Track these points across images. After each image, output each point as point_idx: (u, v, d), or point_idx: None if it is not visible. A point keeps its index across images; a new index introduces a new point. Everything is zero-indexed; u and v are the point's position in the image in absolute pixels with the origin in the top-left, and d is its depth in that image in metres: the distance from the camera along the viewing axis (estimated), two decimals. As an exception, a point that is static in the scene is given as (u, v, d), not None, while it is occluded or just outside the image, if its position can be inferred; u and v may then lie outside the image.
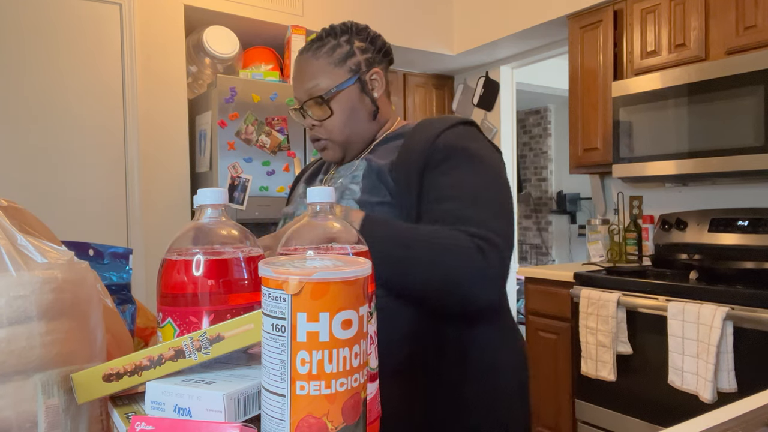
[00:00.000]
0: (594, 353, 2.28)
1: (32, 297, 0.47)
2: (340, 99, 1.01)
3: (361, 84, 1.02)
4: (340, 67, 1.00)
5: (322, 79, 1.00)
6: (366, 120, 1.04)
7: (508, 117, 3.78)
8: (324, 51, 1.01)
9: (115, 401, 0.53)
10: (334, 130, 1.01)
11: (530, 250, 5.91)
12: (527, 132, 5.89)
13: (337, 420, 0.40)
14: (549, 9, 2.96)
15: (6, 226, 0.49)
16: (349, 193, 0.96)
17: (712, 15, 2.30)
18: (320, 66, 1.00)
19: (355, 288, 0.41)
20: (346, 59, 1.01)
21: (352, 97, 1.01)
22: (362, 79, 1.02)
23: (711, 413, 0.61)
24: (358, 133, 1.03)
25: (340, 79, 1.00)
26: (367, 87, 1.03)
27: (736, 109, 2.12)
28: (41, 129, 2.29)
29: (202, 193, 0.58)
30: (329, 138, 1.02)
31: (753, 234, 2.34)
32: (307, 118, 1.03)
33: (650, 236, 2.75)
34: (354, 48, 1.02)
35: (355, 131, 1.03)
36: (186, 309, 0.54)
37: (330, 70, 1.00)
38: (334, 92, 1.00)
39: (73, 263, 0.51)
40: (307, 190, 0.58)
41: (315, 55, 1.01)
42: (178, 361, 0.48)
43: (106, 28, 2.44)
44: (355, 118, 1.02)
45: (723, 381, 1.86)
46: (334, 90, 1.00)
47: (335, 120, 1.01)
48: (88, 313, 0.52)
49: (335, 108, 1.00)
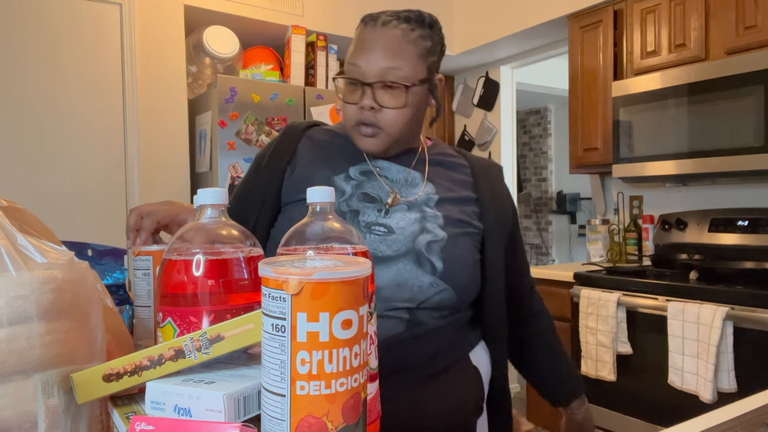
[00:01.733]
0: (594, 353, 2.28)
1: (32, 297, 0.47)
2: (416, 93, 0.93)
3: (431, 85, 0.96)
4: (423, 61, 0.93)
5: (407, 67, 0.90)
6: (422, 123, 0.99)
7: (508, 117, 3.78)
8: (414, 37, 0.91)
9: (115, 401, 0.53)
10: (396, 123, 0.92)
11: (530, 250, 5.91)
12: (527, 132, 5.89)
13: (337, 420, 0.40)
14: (549, 9, 2.96)
15: (6, 226, 0.49)
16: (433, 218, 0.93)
17: (712, 15, 2.30)
18: (409, 51, 0.91)
19: (355, 288, 0.41)
20: (428, 55, 0.94)
21: (423, 96, 0.95)
22: (433, 81, 0.96)
23: (711, 413, 0.61)
24: (412, 134, 0.97)
25: (422, 74, 0.92)
26: (436, 90, 0.97)
27: (736, 109, 2.12)
28: (41, 129, 2.29)
29: (202, 193, 0.58)
30: (385, 129, 0.92)
31: (753, 234, 2.34)
32: (367, 98, 0.90)
33: (650, 236, 2.75)
34: (436, 47, 0.95)
35: (411, 131, 0.96)
36: (186, 309, 0.54)
37: (416, 61, 0.91)
38: (417, 85, 0.92)
39: (73, 263, 0.51)
40: (307, 190, 0.55)
41: (406, 37, 0.91)
42: (178, 361, 0.48)
43: (106, 28, 2.44)
44: (418, 118, 0.96)
45: (723, 381, 1.86)
46: (417, 83, 0.92)
47: (404, 113, 0.92)
48: (88, 313, 0.52)
49: (409, 101, 0.92)
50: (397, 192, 0.95)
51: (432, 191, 0.96)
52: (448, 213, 0.94)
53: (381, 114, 0.91)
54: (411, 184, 0.96)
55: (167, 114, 2.60)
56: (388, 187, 0.95)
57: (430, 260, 0.89)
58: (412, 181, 0.97)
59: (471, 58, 3.65)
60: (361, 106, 0.91)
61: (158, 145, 2.56)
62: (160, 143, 2.57)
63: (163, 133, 2.59)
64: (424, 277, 0.88)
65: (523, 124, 5.92)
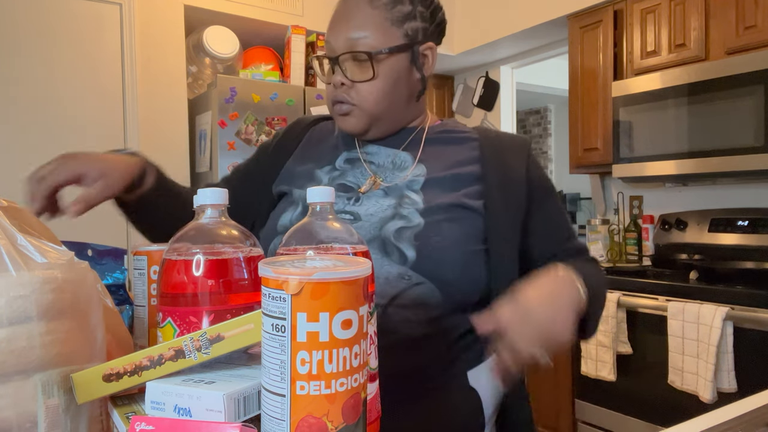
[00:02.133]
0: (594, 353, 2.28)
1: (32, 297, 0.47)
2: (388, 64, 0.84)
3: (413, 55, 0.86)
4: (397, 28, 0.84)
5: (374, 34, 0.83)
6: (406, 98, 0.88)
7: (508, 117, 3.78)
8: (384, 2, 0.84)
9: (115, 401, 0.53)
10: (370, 98, 0.84)
11: (530, 250, 5.91)
12: (527, 132, 5.89)
13: (337, 420, 0.40)
14: (549, 9, 2.96)
15: (6, 226, 0.49)
16: (411, 203, 0.82)
17: (712, 15, 2.30)
18: (375, 17, 0.83)
19: (355, 288, 0.41)
20: (405, 21, 0.85)
21: (400, 66, 0.85)
22: (416, 50, 0.86)
23: (711, 413, 0.61)
24: (393, 110, 0.87)
25: (395, 41, 0.84)
26: (419, 60, 0.87)
27: (736, 109, 2.12)
28: (41, 129, 2.29)
29: (202, 193, 0.58)
30: (359, 105, 0.85)
31: (753, 234, 2.34)
32: (337, 74, 0.85)
33: (650, 236, 2.75)
34: (416, 11, 0.86)
35: (391, 106, 0.86)
36: (186, 309, 0.54)
37: (385, 27, 0.83)
38: (385, 53, 0.83)
39: (73, 263, 0.51)
40: (307, 190, 0.54)
41: (373, 3, 0.84)
42: (178, 361, 0.48)
43: (106, 28, 2.44)
44: (397, 92, 0.86)
45: (723, 381, 1.86)
46: (385, 51, 0.83)
47: (376, 85, 0.84)
48: (88, 313, 0.52)
49: (380, 72, 0.83)
50: (380, 177, 0.87)
51: (422, 173, 0.85)
52: (436, 196, 0.82)
53: (353, 89, 0.85)
54: (399, 167, 0.88)
55: (167, 114, 2.60)
56: (371, 173, 0.88)
57: (399, 248, 0.77)
58: (400, 165, 0.88)
59: (471, 58, 3.65)
60: (334, 84, 0.86)
61: (158, 145, 2.56)
62: (160, 143, 2.57)
63: (163, 133, 2.59)
64: (391, 267, 0.77)
65: (523, 124, 5.92)
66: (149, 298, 0.68)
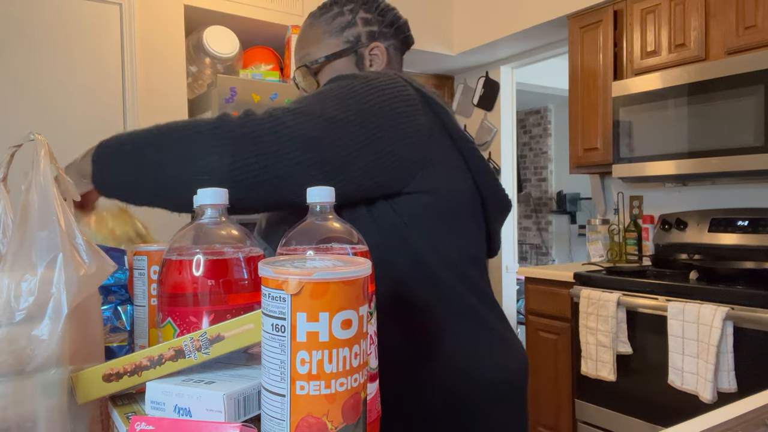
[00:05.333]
0: (594, 353, 2.28)
1: (33, 297, 0.47)
2: (329, 71, 0.91)
3: (357, 58, 0.92)
4: (336, 37, 0.91)
5: (314, 48, 0.91)
6: None
7: (508, 117, 3.78)
8: (323, 18, 0.92)
9: (115, 401, 0.53)
10: None
11: (530, 250, 5.91)
12: (527, 132, 5.89)
13: (337, 420, 0.40)
14: (549, 9, 2.96)
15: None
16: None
17: (712, 15, 2.30)
18: (315, 34, 0.92)
19: (355, 288, 0.41)
20: (344, 29, 0.92)
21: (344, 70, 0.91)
22: (359, 52, 0.92)
23: (711, 413, 0.61)
24: None
25: (333, 49, 0.91)
26: (365, 62, 0.92)
27: (736, 109, 2.12)
28: (40, 129, 2.29)
29: (202, 193, 0.58)
30: None
31: (753, 234, 2.34)
32: (301, 90, 0.95)
33: (650, 236, 2.75)
34: (357, 18, 0.92)
35: None
36: (186, 309, 0.54)
37: (324, 39, 0.91)
38: (321, 62, 0.90)
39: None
40: (307, 190, 0.56)
41: (313, 22, 0.93)
42: (178, 361, 0.48)
43: (106, 28, 2.44)
44: None
45: (723, 381, 1.86)
46: (321, 59, 0.90)
47: None
48: (88, 313, 0.52)
49: (322, 80, 0.90)
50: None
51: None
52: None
53: None
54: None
55: (167, 114, 2.60)
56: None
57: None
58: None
59: (471, 58, 3.65)
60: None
61: (158, 145, 2.56)
62: (160, 143, 2.57)
63: (163, 133, 2.58)
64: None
65: (523, 124, 5.92)
66: (149, 298, 0.68)
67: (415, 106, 0.80)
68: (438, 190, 0.81)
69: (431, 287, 0.82)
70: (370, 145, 0.74)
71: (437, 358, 0.80)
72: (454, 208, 0.84)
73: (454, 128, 0.84)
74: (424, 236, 0.81)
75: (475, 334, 0.84)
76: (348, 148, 0.72)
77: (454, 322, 0.83)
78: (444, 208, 0.82)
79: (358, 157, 0.73)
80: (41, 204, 0.49)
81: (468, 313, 0.84)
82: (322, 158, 0.71)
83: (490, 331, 0.86)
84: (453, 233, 0.84)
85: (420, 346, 0.80)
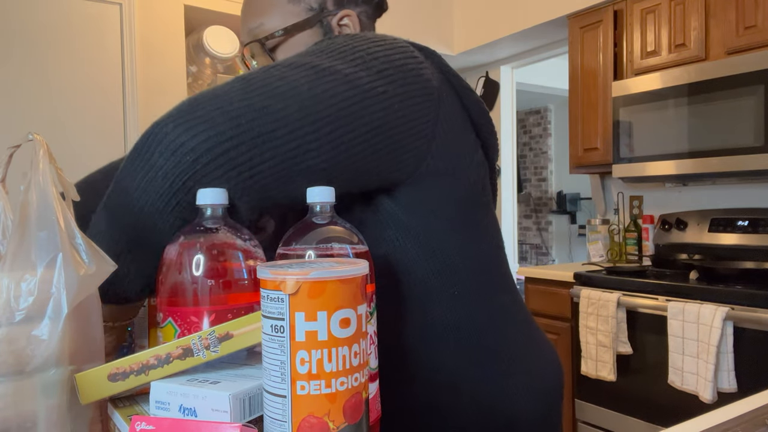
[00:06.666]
0: (594, 353, 2.28)
1: (33, 297, 0.47)
2: (290, 46, 0.75)
3: (323, 29, 0.76)
4: (296, 5, 0.75)
5: (270, 18, 0.75)
6: None
7: (508, 117, 3.78)
8: None
9: (116, 403, 0.53)
10: None
11: (530, 250, 5.91)
12: (527, 132, 5.89)
13: (339, 420, 0.40)
14: (549, 9, 2.96)
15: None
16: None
17: (712, 15, 2.30)
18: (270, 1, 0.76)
19: (353, 287, 0.41)
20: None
21: (309, 43, 0.75)
22: (325, 21, 0.76)
23: (711, 413, 0.61)
24: None
25: (293, 19, 0.75)
26: (334, 33, 0.77)
27: (736, 109, 2.12)
28: (40, 129, 2.29)
29: (202, 193, 0.58)
30: None
31: (753, 234, 2.34)
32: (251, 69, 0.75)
33: (650, 236, 2.75)
34: None
35: None
36: (186, 309, 0.54)
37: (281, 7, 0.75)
38: (280, 36, 0.75)
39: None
40: (307, 190, 0.54)
41: None
42: (186, 360, 0.48)
43: (106, 28, 2.44)
44: None
45: (723, 381, 1.86)
46: (280, 33, 0.75)
47: None
48: (88, 313, 0.52)
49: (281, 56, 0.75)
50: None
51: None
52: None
53: None
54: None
55: (167, 114, 2.60)
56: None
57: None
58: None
59: (471, 58, 3.65)
60: None
61: (158, 145, 2.56)
62: (160, 143, 2.57)
63: (163, 133, 2.59)
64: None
65: (523, 124, 5.92)
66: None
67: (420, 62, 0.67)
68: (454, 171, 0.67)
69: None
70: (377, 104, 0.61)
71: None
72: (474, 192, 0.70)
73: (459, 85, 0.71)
74: (445, 234, 0.68)
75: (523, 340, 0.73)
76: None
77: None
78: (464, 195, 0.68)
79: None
80: (40, 204, 0.49)
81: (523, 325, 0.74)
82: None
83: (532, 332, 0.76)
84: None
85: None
